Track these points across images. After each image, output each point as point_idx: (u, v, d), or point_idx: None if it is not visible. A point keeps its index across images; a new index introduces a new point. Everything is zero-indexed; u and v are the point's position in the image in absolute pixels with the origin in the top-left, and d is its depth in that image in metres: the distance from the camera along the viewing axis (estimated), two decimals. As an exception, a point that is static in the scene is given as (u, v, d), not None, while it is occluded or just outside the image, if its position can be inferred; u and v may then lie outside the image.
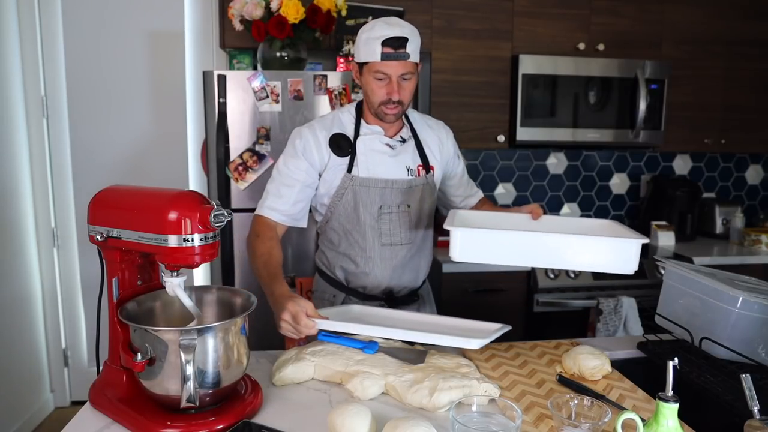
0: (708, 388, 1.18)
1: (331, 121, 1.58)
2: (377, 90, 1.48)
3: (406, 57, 1.45)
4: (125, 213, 1.05)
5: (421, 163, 1.62)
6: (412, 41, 1.45)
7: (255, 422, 1.03)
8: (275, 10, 2.21)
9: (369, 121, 1.58)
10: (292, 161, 1.54)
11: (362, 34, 1.47)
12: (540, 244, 1.26)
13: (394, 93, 1.47)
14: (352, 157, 1.55)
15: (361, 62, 1.50)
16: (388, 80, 1.47)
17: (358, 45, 1.49)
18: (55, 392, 2.96)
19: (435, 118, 1.77)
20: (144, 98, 2.86)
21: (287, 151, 1.57)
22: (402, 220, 1.57)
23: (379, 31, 1.43)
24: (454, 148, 1.75)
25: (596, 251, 1.24)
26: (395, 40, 1.42)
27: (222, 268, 2.26)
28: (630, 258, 1.23)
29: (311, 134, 1.55)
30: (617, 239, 1.25)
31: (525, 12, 2.70)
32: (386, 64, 1.44)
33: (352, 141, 1.56)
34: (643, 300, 2.46)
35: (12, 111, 2.64)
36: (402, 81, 1.48)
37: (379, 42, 1.42)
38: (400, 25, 1.45)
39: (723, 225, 3.10)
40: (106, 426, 1.04)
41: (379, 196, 1.55)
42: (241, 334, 1.05)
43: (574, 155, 3.22)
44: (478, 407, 1.01)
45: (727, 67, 2.90)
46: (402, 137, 1.61)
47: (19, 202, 2.69)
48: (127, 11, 2.79)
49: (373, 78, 1.48)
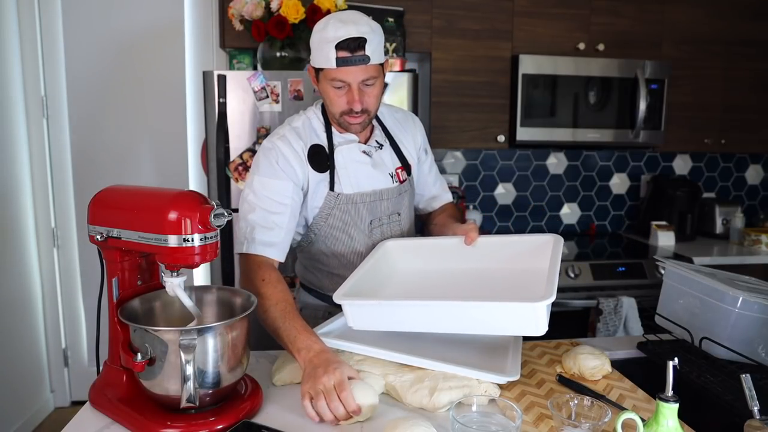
0: (708, 388, 1.18)
1: (304, 129, 1.40)
2: (336, 99, 1.31)
3: (366, 60, 1.25)
4: (125, 213, 1.05)
5: (400, 165, 1.50)
6: (372, 41, 1.25)
7: (255, 422, 1.03)
8: (275, 10, 2.21)
9: (340, 129, 1.42)
10: (274, 183, 1.32)
11: (315, 34, 1.27)
12: (437, 312, 1.15)
13: (355, 102, 1.29)
14: (332, 172, 1.39)
15: (316, 68, 1.31)
16: (347, 88, 1.29)
17: (312, 47, 1.29)
18: (55, 392, 2.96)
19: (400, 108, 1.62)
20: (144, 98, 2.86)
21: (263, 170, 1.33)
22: (393, 230, 1.51)
23: (333, 32, 1.23)
24: (423, 141, 1.59)
25: (498, 317, 1.11)
26: (351, 41, 1.22)
27: (222, 268, 2.26)
28: (538, 320, 1.07)
29: (288, 147, 1.35)
30: (518, 304, 1.08)
31: (525, 12, 2.70)
32: (343, 70, 1.25)
33: (328, 153, 1.39)
34: (643, 300, 2.46)
35: (12, 111, 2.64)
36: (364, 87, 1.30)
37: (333, 45, 1.23)
38: (356, 23, 1.24)
39: (723, 225, 3.10)
40: (106, 426, 1.04)
41: (369, 210, 1.44)
42: (242, 334, 1.05)
43: (574, 155, 3.22)
44: (478, 407, 1.01)
45: (727, 67, 2.90)
46: (378, 142, 1.47)
47: (19, 202, 2.69)
48: (127, 11, 2.79)
49: (330, 86, 1.29)
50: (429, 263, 1.45)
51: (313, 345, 1.11)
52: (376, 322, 1.20)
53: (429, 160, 1.63)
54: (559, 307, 2.45)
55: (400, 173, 1.50)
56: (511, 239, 1.46)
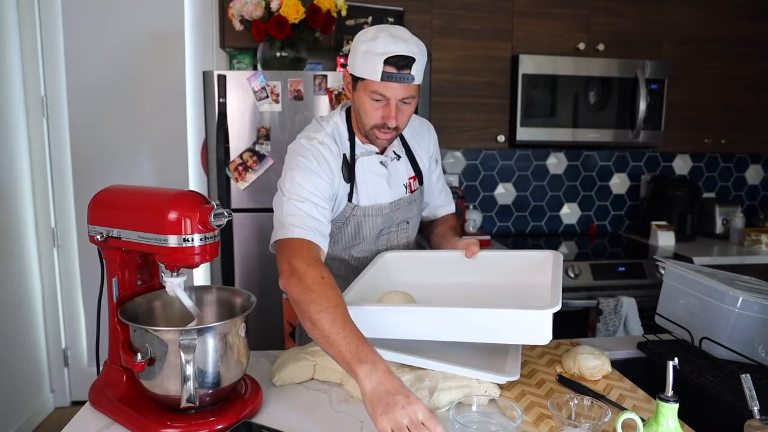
0: (708, 388, 1.18)
1: (334, 137, 1.38)
2: (371, 112, 1.30)
3: (410, 80, 1.25)
4: (125, 213, 1.05)
5: (413, 175, 1.51)
6: (419, 61, 1.25)
7: (255, 422, 1.03)
8: (275, 10, 2.21)
9: (362, 140, 1.42)
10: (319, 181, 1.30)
11: (361, 44, 1.26)
12: (438, 318, 1.13)
13: (390, 119, 1.29)
14: (352, 183, 1.39)
15: (356, 76, 1.29)
16: (385, 103, 1.28)
17: (355, 55, 1.28)
18: (55, 392, 2.95)
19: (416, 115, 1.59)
20: (144, 98, 2.86)
21: (307, 167, 1.30)
22: (400, 237, 1.52)
23: (383, 46, 1.22)
24: (435, 151, 1.58)
25: (503, 324, 1.09)
26: (401, 59, 1.22)
27: (222, 268, 2.26)
28: (543, 329, 1.05)
29: (329, 153, 1.34)
30: (525, 311, 1.06)
31: (525, 12, 2.70)
32: (387, 85, 1.25)
33: (351, 163, 1.38)
34: (643, 300, 2.46)
35: (12, 111, 2.64)
36: (401, 105, 1.29)
37: (381, 59, 1.22)
38: (407, 41, 1.24)
39: (723, 225, 3.10)
40: (106, 426, 1.04)
41: (382, 221, 1.45)
42: (241, 334, 1.05)
43: (574, 155, 3.22)
44: (478, 407, 1.01)
45: (727, 67, 2.90)
46: (395, 153, 1.47)
47: (19, 202, 2.69)
48: (127, 11, 2.79)
49: (368, 98, 1.28)
50: (428, 276, 1.44)
51: (378, 361, 0.98)
52: (379, 328, 1.17)
53: (438, 169, 1.63)
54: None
55: (413, 183, 1.50)
56: (511, 254, 1.44)
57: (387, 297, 1.25)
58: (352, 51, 1.30)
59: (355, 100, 1.34)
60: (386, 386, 0.93)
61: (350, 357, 0.98)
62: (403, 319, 1.16)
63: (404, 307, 1.19)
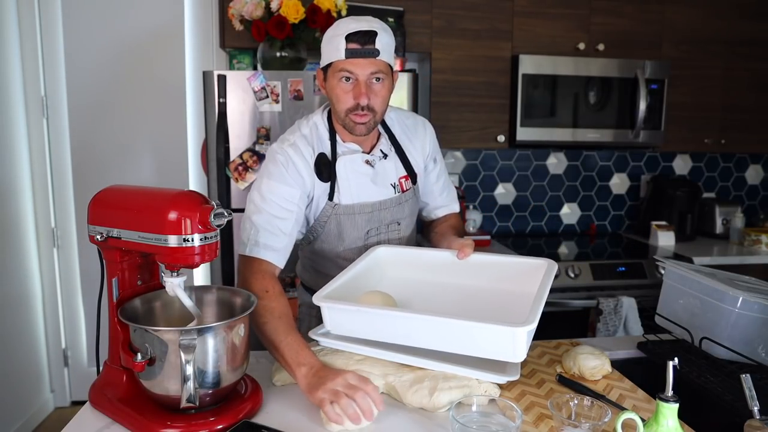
0: (708, 388, 1.18)
1: (311, 136, 1.39)
2: (343, 95, 1.30)
3: (376, 54, 1.26)
4: (125, 213, 1.05)
5: (405, 174, 1.49)
6: (383, 37, 1.27)
7: (255, 422, 1.03)
8: (275, 10, 2.21)
9: (344, 138, 1.41)
10: (282, 188, 1.32)
11: (326, 35, 1.31)
12: (415, 326, 1.11)
13: (362, 96, 1.28)
14: (333, 182, 1.39)
15: (325, 66, 1.32)
16: (355, 82, 1.28)
17: (322, 47, 1.31)
18: (55, 392, 2.96)
19: (412, 113, 1.59)
20: (144, 98, 2.86)
21: (272, 174, 1.33)
22: (391, 238, 1.50)
23: (344, 26, 1.27)
24: (432, 149, 1.56)
25: (476, 337, 1.06)
26: (363, 34, 1.25)
27: (222, 268, 2.26)
28: (516, 346, 1.03)
29: (298, 156, 1.35)
30: (498, 327, 1.02)
31: (525, 12, 2.70)
32: (352, 62, 1.26)
33: (331, 162, 1.38)
34: (643, 300, 2.46)
35: (12, 111, 2.64)
36: (372, 83, 1.29)
37: (342, 37, 1.25)
38: (368, 20, 1.28)
39: (723, 225, 3.10)
40: (106, 426, 1.04)
41: (366, 220, 1.43)
42: (241, 334, 1.05)
43: (574, 155, 3.22)
44: (478, 407, 1.01)
45: (727, 66, 2.90)
46: (383, 151, 1.45)
47: (19, 202, 2.69)
48: (127, 11, 2.79)
49: (338, 81, 1.29)
50: (418, 274, 1.42)
51: (316, 362, 1.11)
52: (355, 328, 1.17)
53: (437, 169, 1.59)
54: (559, 307, 2.46)
55: (404, 182, 1.48)
56: (505, 259, 1.41)
57: (365, 297, 1.24)
58: (321, 45, 1.33)
59: (328, 91, 1.35)
60: (319, 375, 1.07)
61: (291, 361, 1.12)
62: (379, 321, 1.14)
63: (377, 310, 1.17)
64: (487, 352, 1.07)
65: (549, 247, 2.91)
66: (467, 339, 1.07)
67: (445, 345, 1.10)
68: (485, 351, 1.07)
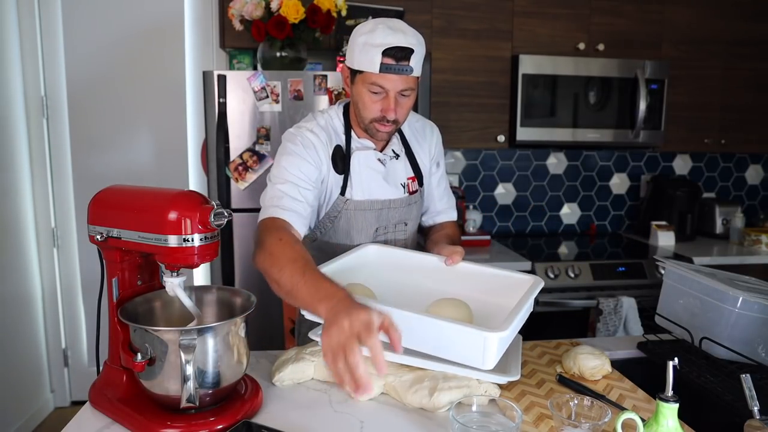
0: (708, 388, 1.18)
1: (327, 128, 1.40)
2: (370, 105, 1.30)
3: (409, 71, 1.25)
4: (125, 213, 1.05)
5: (412, 175, 1.50)
6: (417, 53, 1.26)
7: (255, 422, 1.03)
8: (275, 10, 2.21)
9: (359, 134, 1.42)
10: (303, 164, 1.32)
11: (359, 36, 1.27)
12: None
13: (390, 111, 1.29)
14: (346, 176, 1.39)
15: (355, 69, 1.30)
16: (384, 95, 1.28)
17: (353, 48, 1.29)
18: (55, 392, 2.96)
19: (421, 116, 1.60)
20: (144, 98, 2.86)
21: (292, 152, 1.33)
22: (398, 238, 1.51)
23: (381, 38, 1.23)
24: (437, 152, 1.57)
25: (448, 338, 1.03)
26: (399, 50, 1.23)
27: (222, 268, 2.27)
28: (486, 352, 1.00)
29: (316, 139, 1.35)
30: (469, 329, 1.00)
31: (525, 12, 2.70)
32: (385, 77, 1.25)
33: (346, 156, 1.39)
34: (643, 300, 2.46)
35: (12, 111, 2.64)
36: (400, 98, 1.30)
37: (379, 51, 1.23)
38: (405, 33, 1.25)
39: (723, 225, 3.10)
40: (106, 426, 1.04)
41: (376, 218, 1.44)
42: (241, 334, 1.05)
43: (574, 155, 3.22)
44: (478, 407, 1.01)
45: (727, 66, 2.90)
46: (394, 152, 1.47)
47: (19, 202, 2.69)
48: (127, 11, 2.79)
49: (367, 90, 1.29)
50: (403, 275, 1.40)
51: (337, 292, 0.97)
52: None
53: (439, 173, 1.59)
54: (559, 307, 2.46)
55: (411, 184, 1.49)
56: (492, 271, 1.37)
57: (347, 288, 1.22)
58: (350, 44, 1.31)
59: (353, 94, 1.35)
60: (336, 310, 0.92)
61: (311, 299, 1.01)
62: None
63: None
64: (458, 356, 1.05)
65: (549, 247, 2.91)
66: (439, 339, 1.05)
67: (417, 344, 1.07)
68: (456, 354, 1.05)
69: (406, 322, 1.03)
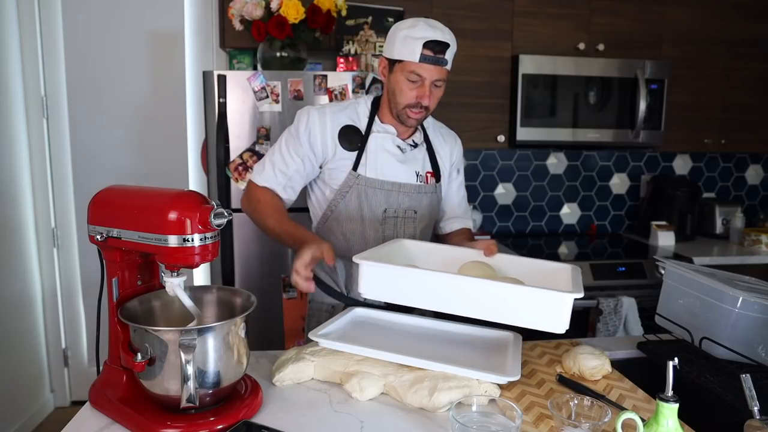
0: (708, 388, 1.18)
1: (345, 110, 1.52)
2: (407, 91, 1.43)
3: (444, 63, 1.42)
4: (125, 213, 1.05)
5: (431, 170, 1.58)
6: (452, 48, 1.43)
7: (255, 422, 1.03)
8: (275, 10, 2.21)
9: (384, 120, 1.53)
10: (293, 144, 1.49)
11: (399, 30, 1.42)
12: (457, 288, 1.12)
13: (424, 97, 1.43)
14: (360, 154, 1.49)
15: (394, 59, 1.44)
16: (421, 83, 1.42)
17: (393, 41, 1.43)
18: (55, 392, 2.96)
19: (447, 127, 1.72)
20: (144, 98, 2.86)
21: (291, 130, 1.51)
22: (407, 226, 1.54)
23: (422, 32, 1.38)
24: (458, 160, 1.69)
25: (519, 303, 1.07)
26: (437, 44, 1.39)
27: (222, 268, 2.26)
28: (561, 315, 1.05)
29: (319, 119, 1.48)
30: (547, 292, 1.06)
31: (525, 12, 2.70)
32: (424, 66, 1.40)
33: (364, 136, 1.50)
34: (643, 300, 2.45)
35: (12, 111, 2.64)
36: (434, 87, 1.44)
37: (420, 42, 1.38)
38: (442, 30, 1.42)
39: (723, 225, 3.10)
40: (106, 426, 1.04)
41: (385, 198, 1.50)
42: (241, 334, 1.05)
43: (574, 155, 3.22)
44: (478, 407, 1.01)
45: (727, 66, 2.90)
46: (414, 141, 1.56)
47: (19, 202, 2.69)
48: (127, 11, 2.79)
49: (405, 78, 1.42)
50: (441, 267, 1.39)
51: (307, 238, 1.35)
52: (391, 290, 1.16)
53: (459, 180, 1.70)
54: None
55: (429, 178, 1.57)
56: (528, 261, 1.42)
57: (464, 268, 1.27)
58: (389, 38, 1.46)
59: (391, 82, 1.47)
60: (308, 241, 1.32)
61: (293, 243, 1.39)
62: (420, 283, 1.14)
63: (424, 271, 1.16)
64: (532, 321, 1.08)
65: (549, 247, 2.91)
66: (513, 305, 1.08)
67: (489, 312, 1.10)
68: (529, 320, 1.08)
69: (483, 289, 1.08)
